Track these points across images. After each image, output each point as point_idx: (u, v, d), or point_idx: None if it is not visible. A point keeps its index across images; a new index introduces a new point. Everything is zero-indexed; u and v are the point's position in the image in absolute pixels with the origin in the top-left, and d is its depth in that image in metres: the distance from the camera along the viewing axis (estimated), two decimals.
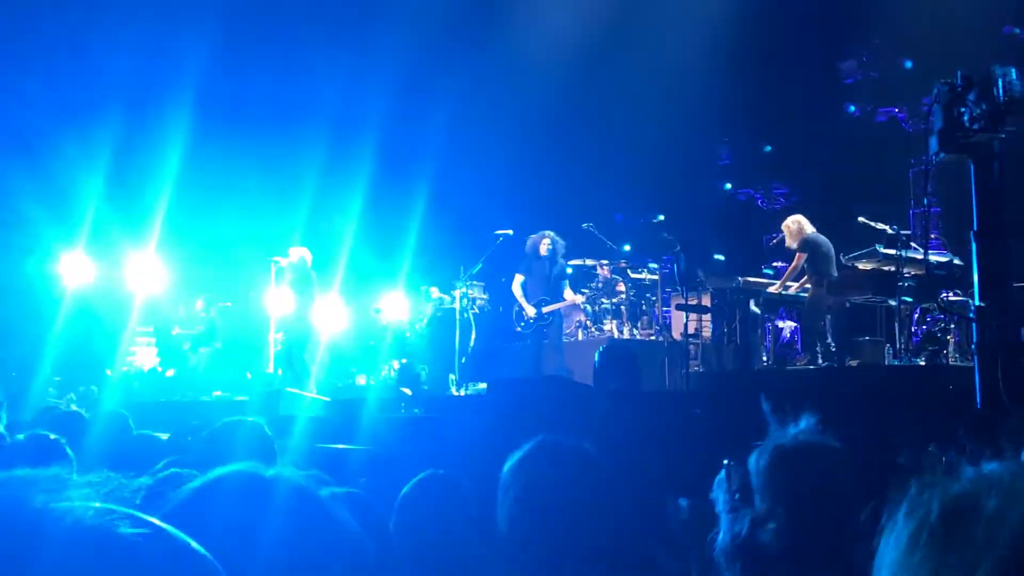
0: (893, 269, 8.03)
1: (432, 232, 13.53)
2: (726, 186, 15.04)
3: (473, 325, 10.88)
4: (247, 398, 9.50)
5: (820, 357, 8.45)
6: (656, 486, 3.08)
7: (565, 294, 9.83)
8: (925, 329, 8.18)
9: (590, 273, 11.03)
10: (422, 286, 13.06)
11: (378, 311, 13.34)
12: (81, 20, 12.57)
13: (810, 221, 9.02)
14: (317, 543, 1.05)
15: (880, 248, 8.21)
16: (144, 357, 13.06)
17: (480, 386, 9.58)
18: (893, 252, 7.99)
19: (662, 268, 10.59)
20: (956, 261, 7.88)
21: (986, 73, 4.08)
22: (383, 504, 2.76)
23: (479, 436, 5.30)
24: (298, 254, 10.48)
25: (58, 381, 11.23)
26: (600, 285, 10.77)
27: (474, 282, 11.37)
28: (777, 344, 9.95)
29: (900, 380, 6.95)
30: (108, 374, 11.76)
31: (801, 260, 8.76)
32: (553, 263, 9.77)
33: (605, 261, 10.91)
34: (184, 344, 12.72)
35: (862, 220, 8.71)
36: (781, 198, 14.31)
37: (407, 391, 8.24)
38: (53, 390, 10.87)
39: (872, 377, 7.21)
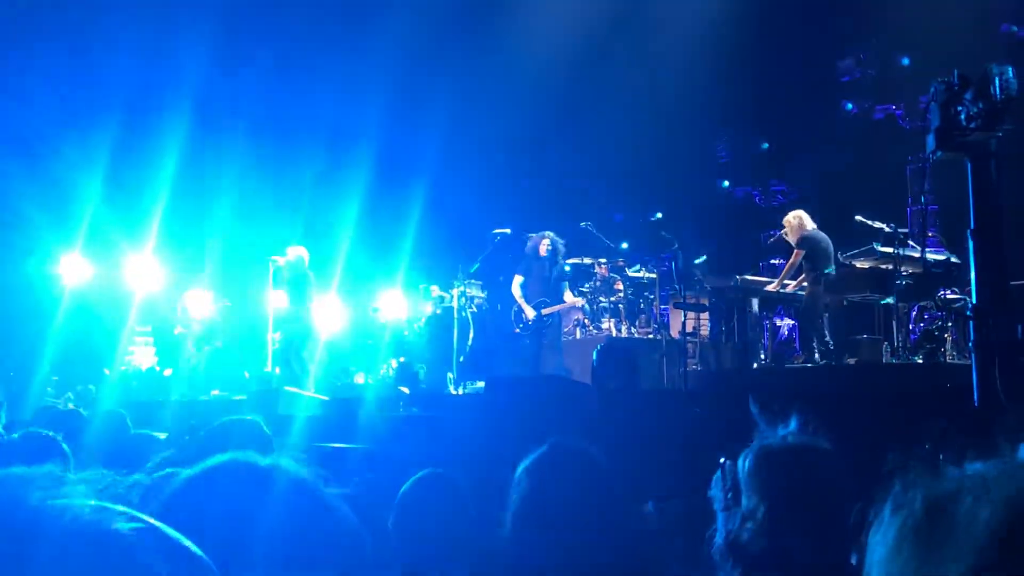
0: (890, 267, 8.03)
1: (430, 231, 13.53)
2: (724, 184, 15.04)
3: (471, 324, 10.88)
4: (245, 397, 9.50)
5: (818, 355, 8.45)
6: (654, 486, 3.08)
7: (565, 296, 9.76)
8: (923, 327, 8.19)
9: (588, 272, 11.03)
10: (421, 284, 13.07)
11: (376, 310, 13.35)
12: (80, 23, 12.55)
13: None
14: (313, 531, 1.05)
15: (877, 246, 8.22)
16: (142, 356, 13.06)
17: (478, 385, 9.59)
18: (890, 250, 7.99)
19: (660, 266, 10.58)
20: (953, 259, 7.89)
21: (983, 72, 4.08)
22: (381, 503, 2.77)
23: (477, 435, 5.31)
24: (296, 253, 10.47)
25: (56, 380, 11.23)
26: (598, 284, 10.77)
27: (472, 281, 11.38)
28: (775, 342, 9.96)
29: (898, 378, 6.96)
30: (106, 373, 11.76)
31: (799, 257, 8.76)
32: (553, 264, 9.70)
33: (603, 260, 10.91)
34: (187, 343, 12.74)
35: (859, 218, 8.71)
36: (779, 195, 14.31)
37: (405, 390, 8.24)
38: (51, 389, 10.88)
39: (870, 375, 7.22)
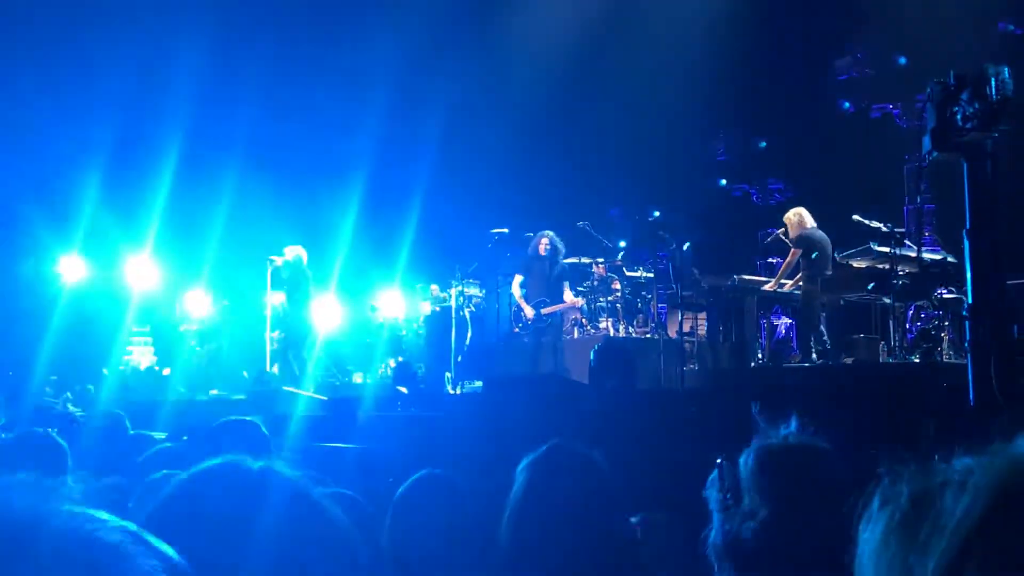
0: (887, 267, 8.04)
1: (428, 231, 13.55)
2: (721, 182, 15.06)
3: (469, 323, 10.88)
4: (244, 397, 9.51)
5: (815, 354, 8.46)
6: (652, 485, 3.09)
7: (565, 295, 9.66)
8: (920, 326, 8.20)
9: (586, 271, 11.03)
10: (418, 284, 13.08)
11: (374, 309, 13.36)
12: (79, 22, 12.54)
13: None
14: (305, 535, 1.05)
15: (874, 246, 8.22)
16: (140, 356, 13.07)
17: (476, 384, 9.59)
18: (887, 250, 8.00)
19: (657, 265, 10.57)
20: (950, 259, 7.90)
21: (979, 72, 4.09)
22: (378, 503, 2.77)
23: (475, 434, 5.32)
24: (294, 253, 10.47)
25: (54, 380, 11.24)
26: (595, 283, 10.77)
27: (470, 280, 11.38)
28: (773, 341, 9.97)
29: (894, 377, 6.96)
30: (104, 373, 11.76)
31: (796, 256, 8.76)
32: (553, 263, 9.61)
33: (600, 259, 10.91)
34: (191, 341, 12.75)
35: (856, 218, 8.71)
36: (776, 194, 14.33)
37: (403, 389, 8.24)
38: (50, 389, 10.87)
39: (867, 374, 7.23)
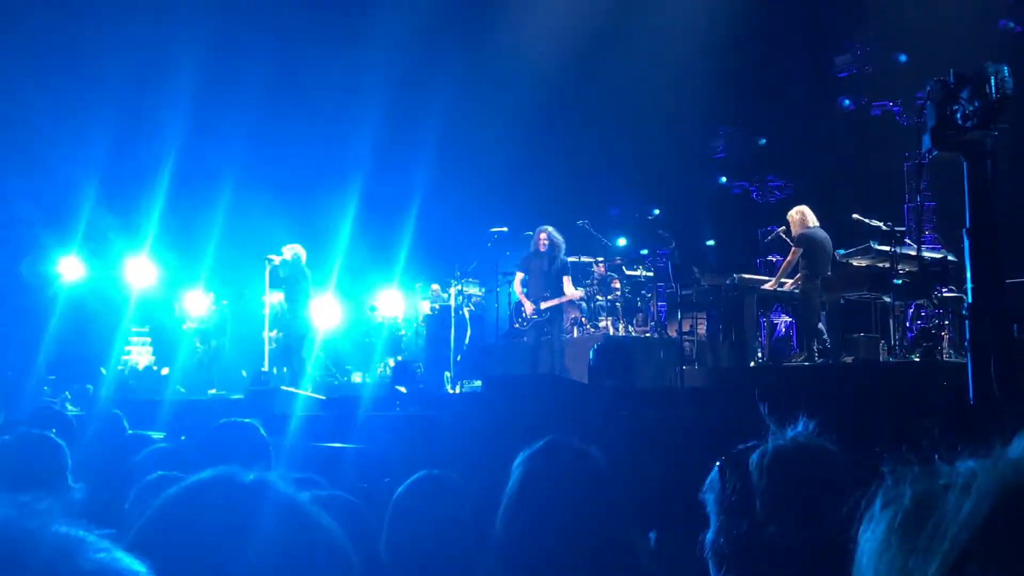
0: (887, 265, 8.03)
1: (427, 230, 13.54)
2: (721, 179, 15.07)
3: (468, 323, 10.87)
4: (242, 397, 9.50)
5: (816, 354, 8.45)
6: (650, 485, 3.08)
7: (565, 288, 9.58)
8: (920, 325, 8.19)
9: (586, 270, 11.02)
10: (417, 283, 13.07)
11: (373, 309, 13.36)
12: (77, 22, 12.53)
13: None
14: (296, 549, 1.04)
15: (874, 244, 8.21)
16: (139, 356, 13.06)
17: (475, 383, 9.58)
18: (887, 249, 7.99)
19: (657, 263, 10.57)
20: (950, 257, 7.89)
21: (979, 70, 4.08)
22: (377, 503, 2.77)
23: (474, 434, 5.31)
24: (293, 252, 10.45)
25: (53, 380, 11.23)
26: (596, 282, 10.76)
27: (470, 280, 11.38)
28: (773, 339, 9.96)
29: (895, 376, 6.95)
30: (103, 373, 11.76)
31: (796, 255, 8.75)
32: (552, 258, 9.52)
33: (600, 258, 10.90)
34: (195, 339, 12.76)
35: (856, 217, 8.70)
36: (776, 191, 14.33)
37: (402, 389, 8.23)
38: (48, 389, 10.87)
39: (867, 373, 7.21)
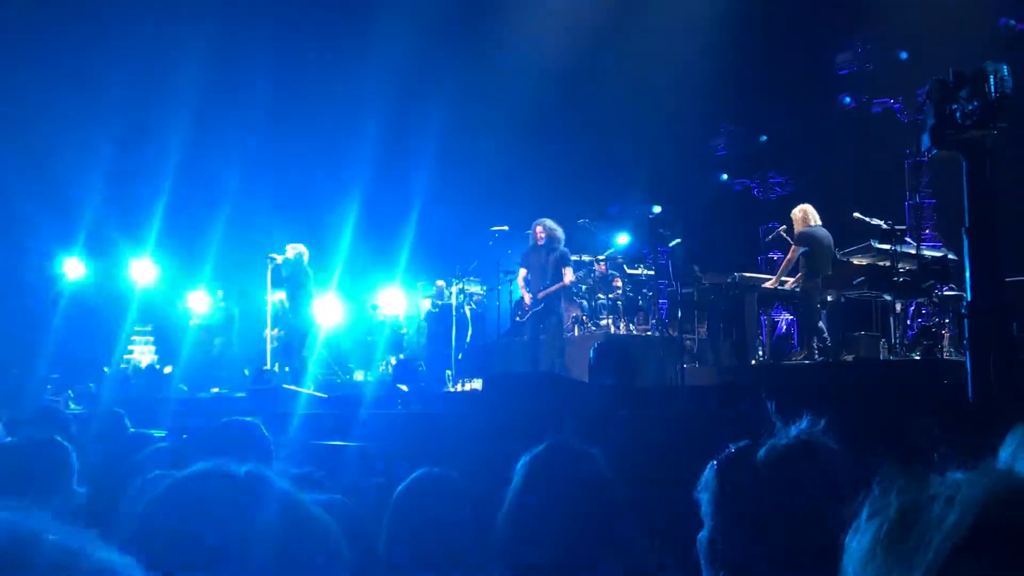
0: (888, 264, 8.04)
1: (429, 229, 13.55)
2: (722, 177, 15.08)
3: (470, 321, 10.89)
4: (245, 395, 9.52)
5: (816, 352, 8.46)
6: (649, 484, 3.09)
7: (564, 276, 9.50)
8: (920, 324, 8.19)
9: (587, 269, 11.04)
10: (419, 282, 13.08)
11: (375, 307, 13.38)
12: (80, 23, 12.54)
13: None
14: (288, 538, 1.05)
15: (875, 243, 8.22)
16: (142, 354, 13.10)
17: (476, 382, 9.59)
18: (888, 247, 8.00)
19: (659, 261, 10.57)
20: (950, 256, 7.89)
21: (978, 69, 4.09)
22: (377, 501, 2.78)
23: (474, 433, 5.32)
24: (295, 251, 10.47)
25: (56, 379, 11.26)
26: (597, 281, 10.78)
27: (471, 278, 11.39)
28: (773, 337, 9.97)
29: (895, 375, 6.97)
30: (106, 371, 11.79)
31: (796, 253, 8.76)
32: (550, 250, 9.46)
33: (602, 257, 10.92)
34: (203, 334, 12.79)
35: (857, 215, 8.71)
36: (777, 188, 14.34)
37: (403, 387, 8.25)
38: (51, 387, 10.90)
39: (867, 372, 7.22)
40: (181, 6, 13.01)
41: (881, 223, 8.33)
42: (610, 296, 10.59)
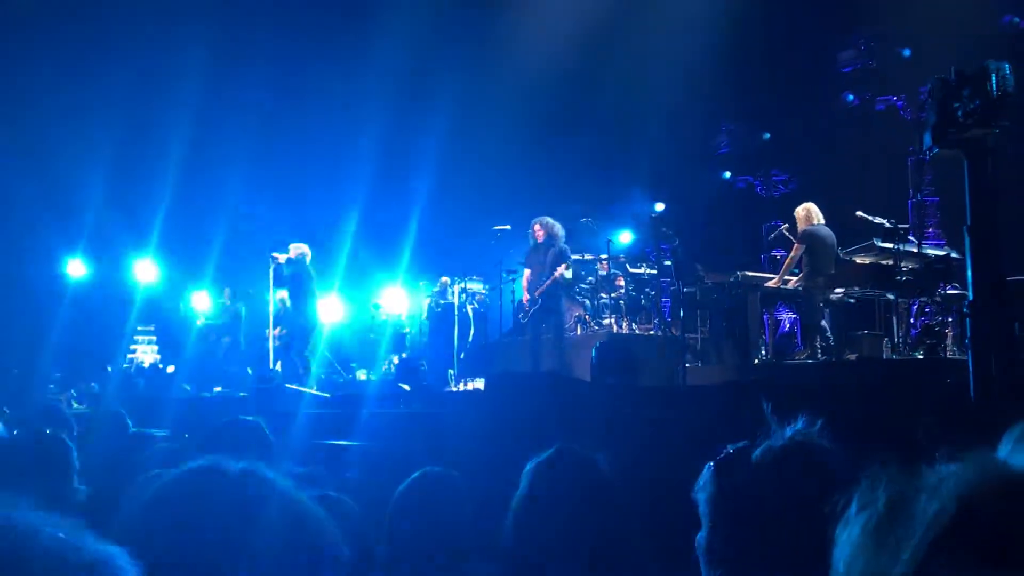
0: (891, 263, 8.03)
1: (431, 228, 13.55)
2: (725, 174, 15.07)
3: (472, 320, 10.89)
4: (247, 394, 9.53)
5: (819, 351, 8.45)
6: (650, 485, 3.09)
7: (555, 271, 9.45)
8: (923, 323, 8.18)
9: (590, 268, 11.02)
10: (421, 281, 13.08)
11: (377, 306, 13.39)
12: (82, 24, 12.57)
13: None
14: (282, 536, 1.05)
15: (878, 242, 8.21)
16: (144, 354, 13.12)
17: (478, 381, 9.59)
18: (890, 246, 7.98)
19: (662, 259, 10.55)
20: (954, 254, 7.88)
21: (980, 68, 4.08)
22: (378, 501, 2.78)
23: (476, 432, 5.32)
24: (298, 250, 10.49)
25: (59, 378, 11.29)
26: (599, 280, 10.76)
27: (473, 277, 11.39)
28: (776, 336, 9.95)
29: (898, 374, 6.95)
30: (108, 370, 11.81)
31: (799, 252, 8.75)
32: (548, 248, 9.44)
33: (604, 256, 10.90)
34: (211, 336, 12.82)
35: (860, 214, 8.69)
36: (780, 185, 14.34)
37: (406, 387, 8.25)
38: (54, 387, 10.93)
39: (870, 371, 7.21)
40: (183, 7, 13.03)
41: (884, 222, 8.31)
42: (613, 295, 10.58)
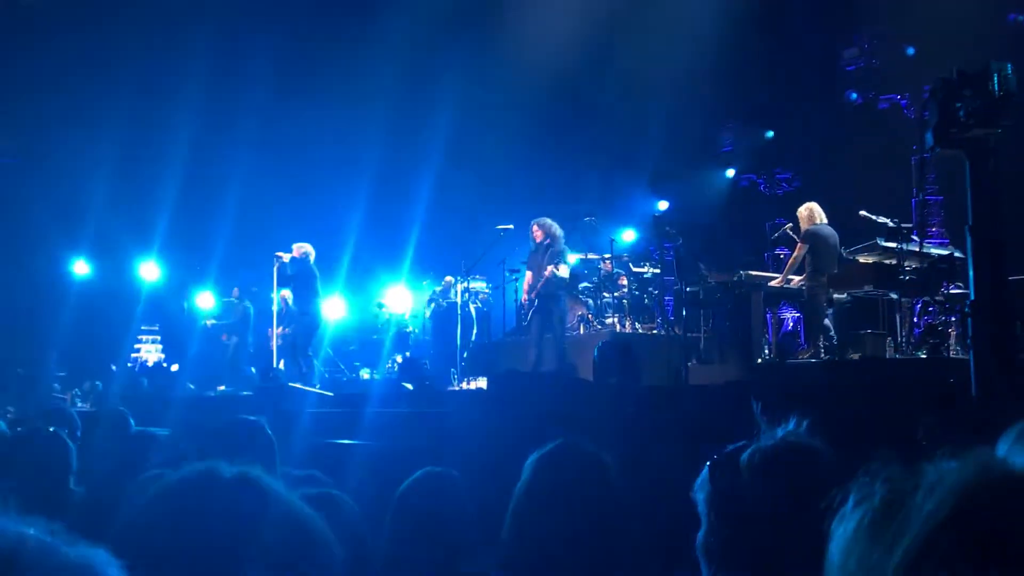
0: (894, 262, 8.02)
1: (435, 227, 13.56)
2: (728, 173, 15.06)
3: (475, 319, 10.90)
4: (251, 393, 9.56)
5: (822, 350, 8.44)
6: (652, 484, 3.09)
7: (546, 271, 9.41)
8: (926, 322, 8.17)
9: (593, 267, 11.03)
10: (424, 280, 13.09)
11: (381, 306, 13.40)
12: (85, 25, 12.59)
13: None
14: (277, 543, 1.05)
15: (881, 241, 8.19)
16: (148, 353, 13.15)
17: (481, 380, 9.60)
18: (894, 245, 7.97)
19: (665, 257, 10.54)
20: (957, 254, 7.86)
21: (982, 68, 4.08)
22: (381, 501, 2.79)
23: (479, 431, 5.33)
24: (302, 250, 10.50)
25: (63, 376, 11.33)
26: (602, 279, 10.77)
27: (476, 276, 11.40)
28: (779, 335, 9.94)
29: (901, 373, 6.94)
30: (113, 369, 11.84)
31: (802, 251, 8.75)
32: (546, 248, 9.45)
33: (607, 255, 10.91)
34: (221, 335, 12.84)
35: (863, 213, 8.68)
36: (784, 183, 14.32)
37: (408, 386, 8.26)
38: (58, 386, 10.96)
39: (873, 370, 7.20)
40: (187, 9, 13.05)
41: (887, 221, 8.30)
42: (616, 294, 10.58)
